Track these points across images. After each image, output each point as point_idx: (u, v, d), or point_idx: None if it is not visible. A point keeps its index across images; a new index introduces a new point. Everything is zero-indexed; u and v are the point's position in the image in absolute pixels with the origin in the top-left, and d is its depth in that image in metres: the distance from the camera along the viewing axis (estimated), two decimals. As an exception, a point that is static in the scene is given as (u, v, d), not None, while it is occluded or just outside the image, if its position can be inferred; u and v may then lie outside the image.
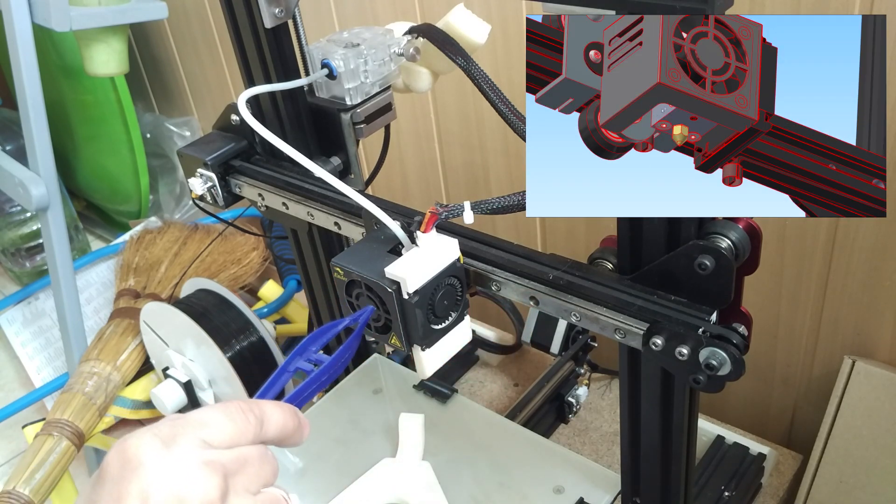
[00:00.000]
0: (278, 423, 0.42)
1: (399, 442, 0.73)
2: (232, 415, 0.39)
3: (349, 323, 0.51)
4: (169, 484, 0.35)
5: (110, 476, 0.36)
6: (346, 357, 0.48)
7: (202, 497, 0.35)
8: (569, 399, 0.92)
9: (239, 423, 0.39)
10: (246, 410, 0.40)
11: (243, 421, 0.40)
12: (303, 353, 0.49)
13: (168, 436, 0.37)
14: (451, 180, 1.17)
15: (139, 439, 0.36)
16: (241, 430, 0.39)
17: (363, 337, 0.87)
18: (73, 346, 1.20)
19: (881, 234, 0.78)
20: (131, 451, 0.36)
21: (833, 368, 0.87)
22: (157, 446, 0.36)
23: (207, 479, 0.36)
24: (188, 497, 0.35)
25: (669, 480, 0.59)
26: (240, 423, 0.40)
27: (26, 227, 1.59)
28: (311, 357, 0.49)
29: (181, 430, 0.38)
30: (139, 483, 0.35)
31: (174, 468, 0.36)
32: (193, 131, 1.56)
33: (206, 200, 0.75)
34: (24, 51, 1.08)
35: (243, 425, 0.40)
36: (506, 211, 0.51)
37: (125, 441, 0.37)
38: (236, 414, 0.40)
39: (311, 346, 0.49)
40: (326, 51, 0.67)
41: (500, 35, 0.95)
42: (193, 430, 0.38)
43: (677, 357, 0.47)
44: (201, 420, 0.39)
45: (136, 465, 0.35)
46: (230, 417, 0.39)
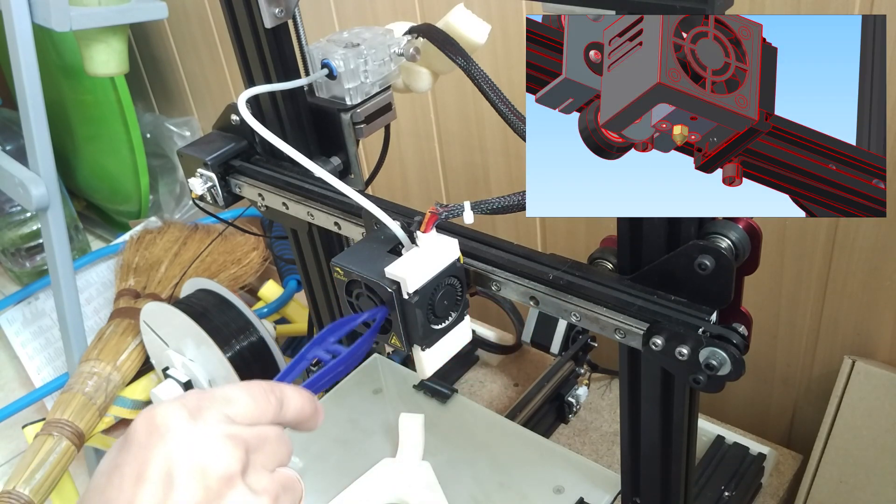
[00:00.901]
0: (297, 406, 0.43)
1: (399, 442, 0.73)
2: (255, 394, 0.41)
3: (367, 318, 0.52)
4: (193, 453, 0.36)
5: (137, 441, 0.37)
6: (362, 350, 0.50)
7: (224, 468, 0.37)
8: (569, 399, 0.92)
9: (261, 402, 0.41)
10: (268, 391, 0.42)
11: (265, 401, 0.41)
12: (321, 343, 0.51)
13: (195, 407, 0.38)
14: (451, 180, 1.17)
15: (167, 408, 0.38)
16: (262, 409, 0.41)
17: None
18: (73, 346, 1.20)
19: (881, 234, 0.78)
20: (159, 418, 0.37)
21: (833, 368, 0.87)
22: (184, 416, 0.37)
23: (230, 452, 0.37)
24: (211, 467, 0.36)
25: (669, 480, 0.59)
26: (261, 402, 0.41)
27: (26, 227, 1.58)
28: (329, 348, 0.50)
29: (207, 403, 0.39)
30: (165, 450, 0.36)
31: (199, 438, 0.37)
32: (193, 131, 1.56)
33: (206, 200, 0.75)
34: (24, 51, 1.08)
35: (265, 405, 0.41)
36: (506, 211, 0.51)
37: (153, 409, 0.38)
38: (259, 394, 0.41)
39: (330, 336, 0.51)
40: (326, 51, 0.67)
41: (500, 35, 0.95)
42: (219, 406, 0.39)
43: (677, 357, 0.47)
44: (226, 396, 0.40)
45: (164, 432, 0.37)
46: (253, 397, 0.41)
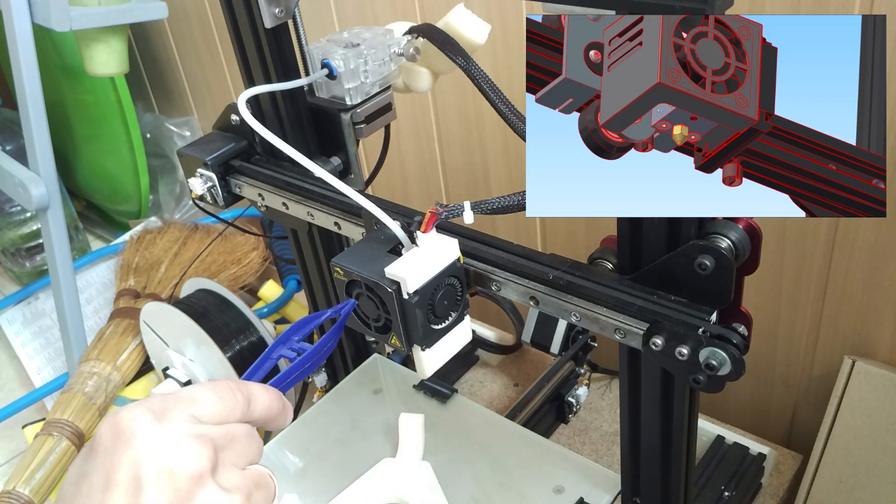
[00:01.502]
0: (264, 403, 0.43)
1: (399, 442, 0.73)
2: (221, 393, 0.40)
3: (331, 314, 0.52)
4: (160, 455, 0.36)
5: (102, 447, 0.37)
6: (328, 346, 0.50)
7: (193, 468, 0.36)
8: (569, 399, 0.92)
9: (228, 400, 0.40)
10: (234, 389, 0.41)
11: (232, 399, 0.41)
12: (286, 342, 0.50)
13: (160, 409, 0.38)
14: (451, 180, 1.17)
15: (131, 412, 0.37)
16: (229, 407, 0.40)
17: (363, 337, 0.87)
18: (73, 346, 1.20)
19: (881, 234, 0.78)
20: (124, 423, 0.37)
21: (833, 368, 0.87)
22: (149, 419, 0.37)
23: (198, 451, 0.37)
24: (179, 468, 0.36)
25: (669, 480, 0.59)
26: (228, 401, 0.40)
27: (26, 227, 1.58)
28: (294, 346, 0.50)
29: (172, 404, 0.38)
30: (131, 454, 0.36)
31: (166, 440, 0.36)
32: (193, 131, 1.56)
33: (206, 200, 0.75)
34: (24, 51, 1.08)
35: (232, 403, 0.41)
36: (506, 211, 0.51)
37: (117, 414, 0.37)
38: (225, 392, 0.41)
39: (294, 335, 0.51)
40: (326, 51, 0.67)
41: (500, 35, 0.95)
42: (184, 406, 0.39)
43: (677, 357, 0.47)
44: (192, 396, 0.40)
45: (129, 436, 0.36)
46: (219, 395, 0.40)
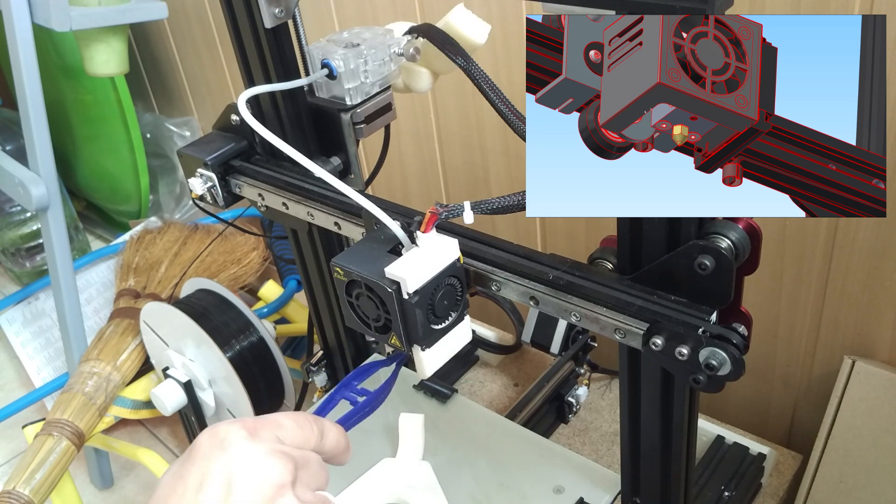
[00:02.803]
0: (334, 438, 0.48)
1: (399, 442, 0.73)
2: (301, 423, 0.46)
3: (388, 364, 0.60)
4: (251, 464, 0.41)
5: (201, 454, 0.41)
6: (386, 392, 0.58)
7: (277, 478, 0.41)
8: (569, 399, 0.92)
9: (306, 430, 0.46)
10: (311, 421, 0.47)
11: (309, 430, 0.46)
12: (347, 387, 0.59)
13: (252, 428, 0.43)
14: (451, 180, 1.17)
15: (229, 426, 0.42)
16: (307, 436, 0.46)
17: (363, 337, 0.87)
18: (73, 346, 1.20)
19: (881, 235, 0.78)
20: (221, 434, 0.42)
21: (833, 368, 0.87)
22: (243, 434, 0.42)
23: (282, 465, 0.42)
24: (266, 476, 0.41)
25: (669, 480, 0.59)
26: (306, 430, 0.46)
27: (26, 227, 1.59)
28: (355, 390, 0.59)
29: (262, 424, 0.44)
30: (226, 461, 0.41)
31: (257, 452, 0.42)
32: (193, 131, 1.56)
33: (206, 200, 0.75)
34: (24, 51, 1.08)
35: (309, 433, 0.46)
36: (506, 211, 0.51)
37: (216, 427, 0.43)
38: (304, 422, 0.46)
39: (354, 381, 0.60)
40: (326, 51, 0.67)
41: (500, 35, 0.95)
42: (272, 428, 0.44)
43: (677, 357, 0.47)
44: (278, 421, 0.45)
45: (225, 445, 0.41)
46: (299, 424, 0.46)
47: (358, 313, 0.54)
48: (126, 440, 1.14)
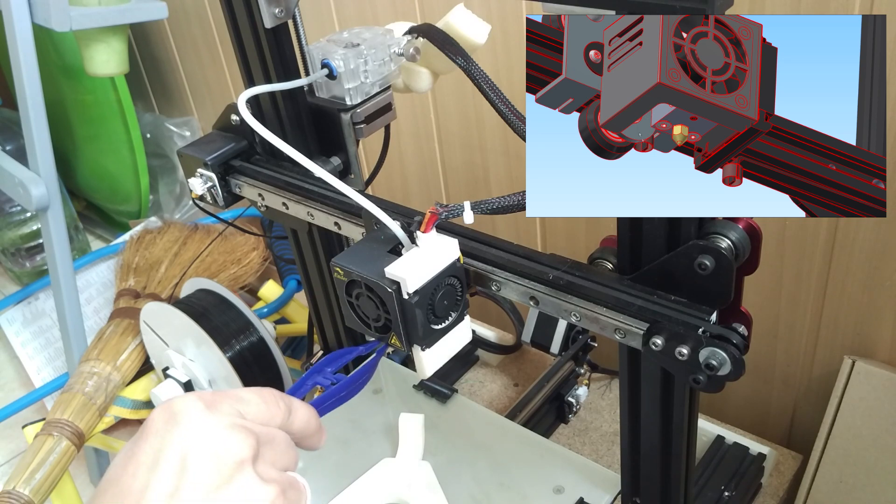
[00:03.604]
0: (303, 418, 0.45)
1: (399, 442, 0.73)
2: (265, 398, 0.43)
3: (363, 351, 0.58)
4: (208, 439, 0.38)
5: (154, 430, 0.39)
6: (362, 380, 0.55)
7: (236, 454, 0.38)
8: (569, 399, 0.92)
9: (271, 405, 0.43)
10: (278, 397, 0.44)
11: (275, 406, 0.43)
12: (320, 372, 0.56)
13: (210, 401, 0.40)
14: (451, 180, 1.17)
15: (184, 399, 0.40)
16: (272, 412, 0.43)
17: (363, 337, 0.87)
18: (73, 346, 1.20)
19: (881, 234, 0.78)
20: (176, 408, 0.39)
21: (833, 368, 0.87)
22: (200, 407, 0.39)
23: (242, 440, 0.39)
24: (224, 452, 0.38)
25: (669, 480, 0.59)
26: (272, 406, 0.43)
27: (26, 227, 1.59)
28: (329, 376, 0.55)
29: (221, 398, 0.41)
30: (181, 436, 0.38)
31: (213, 426, 0.39)
32: (193, 131, 1.56)
33: (206, 200, 0.75)
34: (24, 51, 1.08)
35: (275, 409, 0.43)
36: (506, 211, 0.51)
37: (171, 401, 0.40)
38: (269, 398, 0.43)
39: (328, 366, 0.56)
40: (326, 51, 0.67)
41: (500, 35, 0.95)
42: (232, 401, 0.41)
43: (677, 357, 0.47)
44: (239, 396, 0.42)
45: (180, 419, 0.39)
46: (264, 399, 0.43)
47: (358, 313, 0.54)
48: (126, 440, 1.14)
